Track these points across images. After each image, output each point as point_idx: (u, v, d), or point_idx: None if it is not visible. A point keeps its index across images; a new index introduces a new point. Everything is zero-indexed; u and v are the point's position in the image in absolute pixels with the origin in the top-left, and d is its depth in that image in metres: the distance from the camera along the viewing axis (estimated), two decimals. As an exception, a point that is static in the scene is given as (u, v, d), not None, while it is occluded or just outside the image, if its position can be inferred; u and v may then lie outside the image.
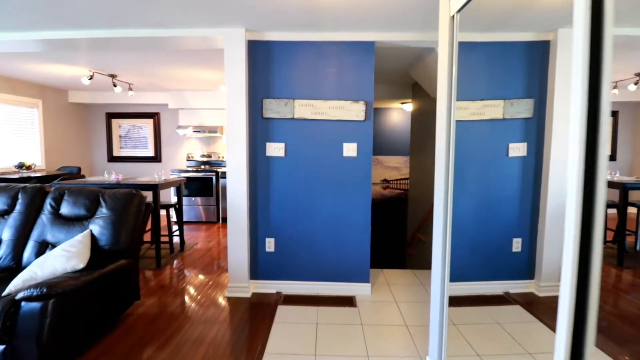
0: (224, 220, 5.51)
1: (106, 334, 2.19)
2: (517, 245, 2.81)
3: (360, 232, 2.76)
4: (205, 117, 5.79)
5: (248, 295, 2.72)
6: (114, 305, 2.19)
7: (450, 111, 1.58)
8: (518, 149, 2.75)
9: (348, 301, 2.65)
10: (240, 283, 2.73)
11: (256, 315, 2.43)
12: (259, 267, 2.81)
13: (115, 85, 4.55)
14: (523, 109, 2.73)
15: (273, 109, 2.74)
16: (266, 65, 2.70)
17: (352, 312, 2.48)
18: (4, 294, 1.84)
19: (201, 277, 3.20)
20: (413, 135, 4.66)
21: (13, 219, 2.39)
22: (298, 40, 2.66)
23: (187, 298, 2.74)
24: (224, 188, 5.45)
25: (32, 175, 4.49)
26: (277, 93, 2.72)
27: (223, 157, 6.01)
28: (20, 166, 4.70)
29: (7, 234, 2.35)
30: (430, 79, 3.42)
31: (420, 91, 4.20)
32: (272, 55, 2.69)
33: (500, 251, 2.81)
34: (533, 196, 2.78)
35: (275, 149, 2.76)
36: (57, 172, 5.00)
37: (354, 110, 2.70)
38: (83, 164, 6.13)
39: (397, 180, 6.50)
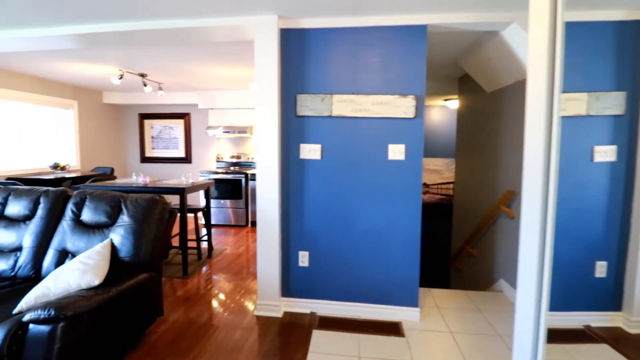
0: (254, 224, 5.30)
1: (125, 356, 1.98)
2: (601, 269, 2.31)
3: (407, 248, 2.38)
4: (235, 117, 5.63)
5: (279, 315, 2.43)
6: (134, 324, 1.98)
7: (551, 105, 1.18)
8: (606, 153, 2.25)
9: (393, 328, 2.28)
10: (271, 301, 2.45)
11: (288, 342, 2.13)
12: (292, 284, 2.51)
13: (145, 85, 4.46)
14: (612, 104, 2.23)
15: (308, 105, 2.43)
16: (301, 57, 2.40)
17: (400, 343, 2.11)
18: (14, 311, 1.66)
19: (229, 288, 2.96)
20: (460, 136, 4.18)
21: (34, 224, 2.25)
22: (337, 27, 2.33)
23: (213, 315, 2.50)
24: (254, 191, 5.25)
25: (67, 176, 4.51)
26: (313, 88, 2.41)
27: (252, 159, 5.82)
28: (55, 167, 4.74)
29: (27, 241, 2.22)
30: (489, 69, 2.96)
31: (470, 86, 3.72)
32: (308, 44, 2.38)
33: (580, 276, 2.32)
34: (623, 211, 2.27)
35: (310, 151, 2.45)
36: (91, 172, 5.02)
37: (402, 106, 2.33)
38: (117, 165, 6.19)
39: (438, 184, 5.99)
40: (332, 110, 2.41)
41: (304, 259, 2.49)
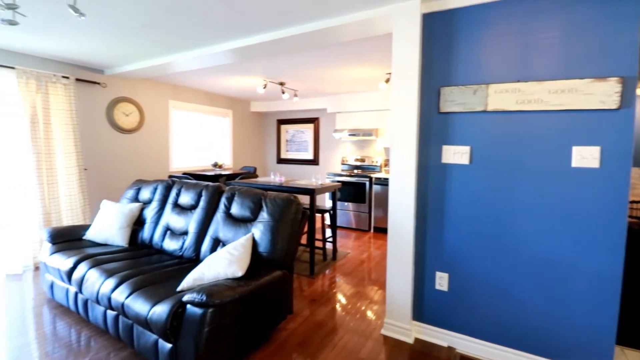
0: (377, 229, 5.12)
1: (259, 349, 2.06)
2: None
3: (599, 292, 1.72)
4: (361, 119, 5.57)
5: (409, 340, 2.14)
6: (267, 318, 2.05)
7: None
8: None
9: (571, 395, 1.68)
10: (401, 323, 2.18)
11: (422, 375, 1.83)
12: (426, 308, 2.18)
13: (283, 92, 4.86)
14: None
15: (455, 99, 2.06)
16: (447, 43, 2.05)
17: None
18: (178, 289, 1.92)
19: (353, 295, 2.84)
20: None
21: (197, 214, 2.63)
22: (495, 1, 1.89)
23: (338, 322, 2.41)
24: (378, 195, 5.06)
25: (222, 173, 5.33)
26: (462, 78, 2.03)
27: (376, 162, 5.65)
28: (215, 165, 5.69)
29: (192, 227, 2.61)
30: None
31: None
32: (456, 28, 2.02)
33: None
34: None
35: (455, 154, 2.07)
36: (239, 171, 5.82)
37: (597, 94, 1.70)
38: (258, 165, 7.04)
39: (630, 202, 4.45)
40: (487, 104, 1.97)
41: (442, 281, 2.12)
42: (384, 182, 4.98)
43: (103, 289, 2.04)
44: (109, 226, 2.77)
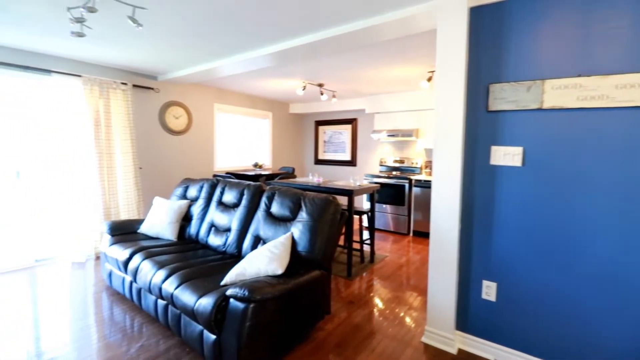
0: (416, 233, 4.96)
1: (297, 347, 2.09)
2: None
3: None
4: (400, 120, 5.45)
5: (452, 350, 2.04)
6: (305, 318, 2.07)
7: None
8: None
9: None
10: (443, 332, 2.09)
11: (466, 387, 1.73)
12: (470, 318, 2.07)
13: (322, 94, 4.89)
14: None
15: (506, 97, 1.94)
16: (497, 37, 1.94)
17: None
18: (222, 283, 2.00)
19: (392, 300, 2.78)
20: None
21: (239, 212, 2.73)
22: (556, -11, 1.75)
23: (376, 326, 2.37)
24: (418, 198, 4.91)
25: (262, 173, 5.49)
26: (513, 74, 1.90)
27: (416, 164, 5.49)
28: (255, 165, 5.88)
29: (235, 224, 2.71)
30: None
31: None
32: (507, 20, 1.90)
33: None
34: None
35: (505, 156, 1.95)
36: (278, 171, 5.95)
37: (678, 87, 1.50)
38: (296, 165, 7.15)
39: None
40: (543, 101, 1.83)
41: (489, 291, 2.00)
42: (425, 185, 4.82)
43: (155, 279, 2.19)
44: (160, 221, 2.97)
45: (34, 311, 2.50)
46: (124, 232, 2.99)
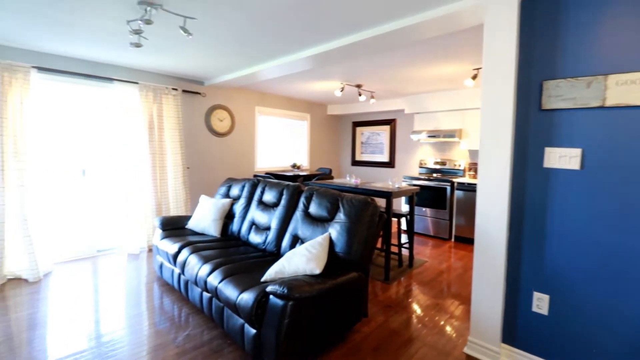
0: (458, 239, 4.75)
1: (334, 348, 2.10)
2: None
3: None
4: (442, 120, 5.25)
5: (498, 363, 1.94)
6: (341, 319, 2.07)
7: None
8: None
9: None
10: (488, 344, 1.98)
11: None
12: (519, 331, 1.94)
13: (360, 95, 4.86)
14: None
15: (562, 94, 1.80)
16: (551, 31, 1.80)
17: None
18: (262, 279, 2.07)
19: (431, 307, 2.69)
20: None
21: (279, 211, 2.81)
22: (625, -26, 1.59)
23: (414, 333, 2.31)
24: (460, 201, 4.70)
25: (300, 173, 5.58)
26: (571, 69, 1.75)
27: (459, 166, 5.25)
28: (294, 166, 6.00)
29: (274, 223, 2.79)
30: None
31: None
32: (563, 12, 1.75)
33: None
34: None
35: (561, 158, 1.81)
36: (315, 172, 6.02)
37: None
38: (333, 166, 7.18)
39: None
40: (606, 98, 1.67)
41: (540, 303, 1.86)
42: (468, 188, 4.60)
43: (200, 272, 2.32)
44: (205, 218, 3.14)
45: (95, 296, 2.76)
46: (174, 227, 3.20)
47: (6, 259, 3.05)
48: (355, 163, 6.98)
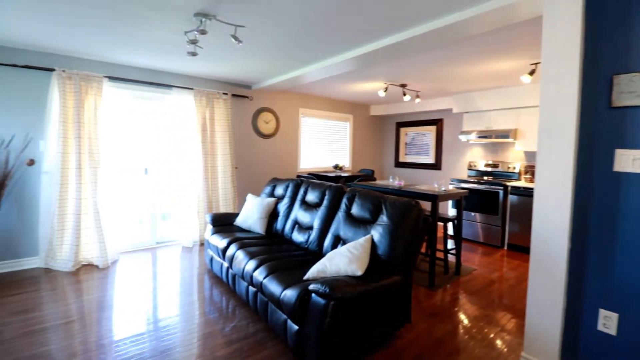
0: (511, 247, 4.43)
1: (376, 352, 2.08)
2: None
3: None
4: (494, 119, 4.93)
5: (555, 383, 1.78)
6: (383, 322, 2.05)
7: None
8: None
9: None
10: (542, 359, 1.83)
11: None
12: (581, 350, 1.76)
13: (404, 94, 4.74)
14: None
15: (637, 90, 1.60)
16: (623, 19, 1.61)
17: None
18: (305, 277, 2.11)
19: (479, 318, 2.54)
20: None
21: (321, 211, 2.84)
22: None
23: (461, 344, 2.20)
24: (514, 207, 4.38)
25: (342, 174, 5.59)
26: (651, 62, 1.56)
27: (513, 168, 4.89)
28: (336, 167, 6.02)
29: (316, 223, 2.83)
30: None
31: None
32: (646, -3, 1.56)
33: None
34: None
35: (635, 161, 1.61)
36: (358, 173, 5.99)
37: None
38: (375, 167, 7.09)
39: None
40: (695, 93, 1.46)
41: (608, 322, 1.67)
42: (524, 193, 4.27)
43: (247, 267, 2.43)
44: (251, 216, 3.28)
45: (154, 284, 3.02)
46: (223, 223, 3.39)
47: (82, 247, 3.46)
48: (399, 165, 6.82)
